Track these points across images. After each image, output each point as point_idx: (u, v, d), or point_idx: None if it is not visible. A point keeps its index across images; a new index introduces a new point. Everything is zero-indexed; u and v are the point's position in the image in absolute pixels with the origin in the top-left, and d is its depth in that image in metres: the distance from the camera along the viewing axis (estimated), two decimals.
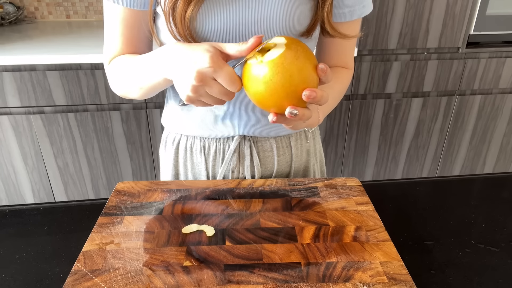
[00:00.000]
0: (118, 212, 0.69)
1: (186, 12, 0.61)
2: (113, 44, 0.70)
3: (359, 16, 0.71)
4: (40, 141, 1.81)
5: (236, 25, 0.65)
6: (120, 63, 0.69)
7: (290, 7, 0.64)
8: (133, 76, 0.67)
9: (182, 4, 0.60)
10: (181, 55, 0.56)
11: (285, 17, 0.65)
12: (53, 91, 1.71)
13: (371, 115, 2.02)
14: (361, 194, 0.74)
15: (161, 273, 0.56)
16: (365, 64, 1.89)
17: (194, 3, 0.60)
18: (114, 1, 0.66)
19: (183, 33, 0.62)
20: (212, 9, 0.63)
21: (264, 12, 0.64)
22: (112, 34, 0.69)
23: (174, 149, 0.85)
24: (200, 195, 0.73)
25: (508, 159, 2.29)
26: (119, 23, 0.68)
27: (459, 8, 1.81)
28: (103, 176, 1.95)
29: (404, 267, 0.58)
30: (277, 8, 0.64)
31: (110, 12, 0.68)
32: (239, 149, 0.80)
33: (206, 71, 0.52)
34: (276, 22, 0.65)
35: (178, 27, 0.62)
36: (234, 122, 0.77)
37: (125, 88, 0.71)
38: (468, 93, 2.05)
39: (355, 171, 2.18)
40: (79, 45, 1.74)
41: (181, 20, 0.61)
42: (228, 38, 0.66)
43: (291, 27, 0.66)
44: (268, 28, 0.65)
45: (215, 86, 0.54)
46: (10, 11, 2.05)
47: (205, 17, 0.63)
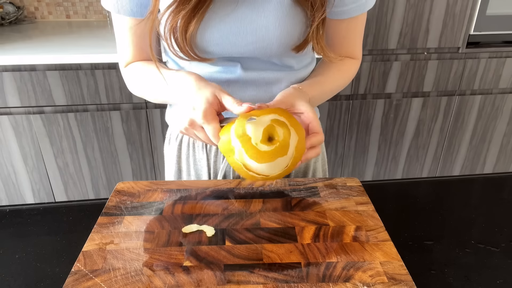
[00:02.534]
0: (118, 212, 0.69)
1: (187, 30, 0.63)
2: (125, 51, 0.74)
3: (363, 11, 0.71)
4: (40, 141, 1.81)
5: (234, 35, 0.66)
6: (137, 74, 0.73)
7: (285, 16, 0.65)
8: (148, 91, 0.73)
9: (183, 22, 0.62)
10: (185, 96, 0.61)
11: (281, 26, 0.65)
12: (53, 91, 1.71)
13: (371, 115, 2.02)
14: (361, 194, 0.74)
15: (161, 273, 0.56)
16: (365, 64, 1.88)
17: (195, 21, 0.62)
18: (117, 12, 0.68)
19: (184, 47, 0.65)
20: (209, 22, 0.64)
21: (260, 22, 0.65)
22: (122, 42, 0.73)
23: (177, 145, 0.86)
24: (200, 195, 0.73)
25: (508, 159, 2.29)
26: (127, 32, 0.71)
27: (459, 8, 1.81)
28: (103, 176, 1.95)
29: (404, 267, 0.58)
30: (272, 17, 0.65)
31: (117, 21, 0.70)
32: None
33: (197, 120, 0.59)
34: (272, 31, 0.66)
35: (179, 42, 0.64)
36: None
37: (142, 95, 0.76)
38: (468, 93, 2.05)
39: (355, 171, 2.18)
40: (79, 45, 1.74)
41: (182, 37, 0.64)
42: (226, 48, 0.67)
43: (287, 35, 0.66)
44: (264, 36, 0.66)
45: (202, 133, 0.61)
46: (10, 11, 2.05)
47: (204, 30, 0.65)
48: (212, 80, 0.73)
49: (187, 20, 0.62)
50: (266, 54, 0.69)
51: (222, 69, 0.73)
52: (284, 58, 0.73)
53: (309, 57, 0.80)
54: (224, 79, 0.73)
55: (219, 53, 0.68)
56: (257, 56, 0.70)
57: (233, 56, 0.70)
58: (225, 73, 0.73)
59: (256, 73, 0.73)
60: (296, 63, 0.76)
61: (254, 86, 0.74)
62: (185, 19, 0.62)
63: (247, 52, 0.68)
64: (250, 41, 0.67)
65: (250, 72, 0.73)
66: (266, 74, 0.74)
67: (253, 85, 0.74)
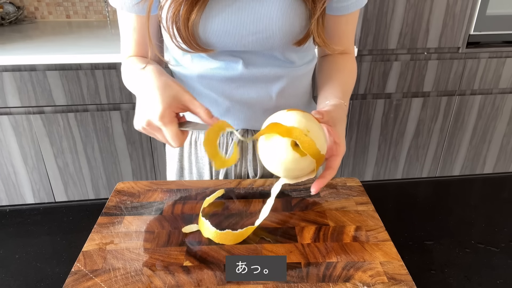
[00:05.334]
0: (118, 212, 0.69)
1: (189, 18, 0.63)
2: (127, 47, 0.75)
3: (360, 6, 0.73)
4: (40, 141, 1.81)
5: (236, 26, 0.66)
6: (126, 68, 0.74)
7: (287, 7, 0.65)
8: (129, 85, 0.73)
9: (185, 9, 0.62)
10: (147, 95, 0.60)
11: (283, 17, 0.66)
12: (53, 91, 1.71)
13: (371, 115, 2.02)
14: (361, 194, 0.74)
15: (161, 273, 0.56)
16: (365, 64, 1.88)
17: (197, 9, 0.63)
18: (120, 8, 0.69)
19: (186, 37, 0.65)
20: (211, 11, 0.65)
21: (262, 12, 0.65)
22: (125, 37, 0.74)
23: None
24: (200, 195, 0.73)
25: (508, 159, 2.29)
26: (130, 28, 0.72)
27: (459, 8, 1.81)
28: (103, 176, 1.95)
29: (404, 267, 0.58)
30: (275, 8, 0.65)
31: (121, 17, 0.72)
32: (242, 142, 0.82)
33: (154, 122, 0.58)
34: (275, 21, 0.66)
35: (182, 32, 0.64)
36: (236, 116, 0.79)
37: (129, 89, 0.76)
38: (468, 93, 2.05)
39: (355, 171, 2.18)
40: (79, 45, 1.74)
41: (185, 26, 0.64)
42: (228, 38, 0.67)
43: (289, 25, 0.67)
44: (267, 27, 0.66)
45: (160, 135, 0.61)
46: (10, 11, 2.05)
47: (206, 20, 0.65)
48: (213, 78, 0.74)
49: (189, 9, 0.62)
50: (269, 46, 0.69)
51: (224, 65, 0.73)
52: (286, 53, 0.73)
53: (311, 54, 0.80)
54: (225, 76, 0.73)
55: (221, 44, 0.68)
56: (259, 48, 0.70)
57: (235, 49, 0.70)
58: (226, 69, 0.73)
59: (257, 69, 0.73)
60: (298, 59, 0.76)
61: (255, 83, 0.75)
62: (187, 7, 0.62)
63: (250, 43, 0.68)
64: (253, 31, 0.67)
65: (251, 69, 0.73)
66: (268, 71, 0.74)
67: (254, 82, 0.74)
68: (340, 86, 0.74)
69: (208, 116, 0.59)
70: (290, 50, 0.73)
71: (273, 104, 0.78)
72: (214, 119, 0.59)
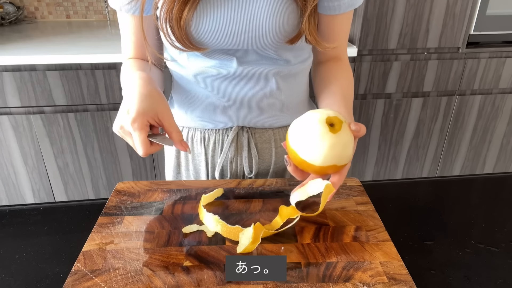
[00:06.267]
0: (118, 212, 0.69)
1: (181, 17, 0.64)
2: (127, 48, 0.76)
3: (353, 7, 0.72)
4: (40, 141, 1.81)
5: (227, 24, 0.67)
6: (122, 71, 0.75)
7: (278, 6, 0.66)
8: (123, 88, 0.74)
9: (177, 8, 0.63)
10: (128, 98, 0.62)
11: (274, 16, 0.66)
12: (53, 91, 1.71)
13: (371, 115, 2.02)
14: (361, 194, 0.74)
15: (161, 273, 0.56)
16: (365, 64, 1.88)
17: (189, 6, 0.64)
18: (119, 9, 0.70)
19: (180, 36, 0.66)
20: (203, 10, 0.66)
21: (254, 10, 0.66)
22: (124, 38, 0.75)
23: None
24: (200, 195, 0.73)
25: (508, 159, 2.29)
26: (128, 29, 0.73)
27: (459, 8, 1.81)
28: (103, 176, 1.95)
29: (404, 267, 0.58)
30: (266, 7, 0.66)
31: (120, 19, 0.73)
32: (237, 139, 0.82)
33: (126, 126, 0.61)
34: (266, 20, 0.66)
35: (175, 30, 0.65)
36: (232, 113, 0.80)
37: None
38: (468, 93, 2.05)
39: (355, 171, 2.18)
40: (79, 45, 1.74)
41: (177, 24, 0.65)
42: (221, 37, 0.68)
43: (281, 24, 0.67)
44: (258, 25, 0.67)
45: (130, 139, 0.63)
46: (10, 11, 2.05)
47: (198, 18, 0.66)
48: (208, 76, 0.75)
49: (181, 7, 0.63)
50: (261, 45, 0.70)
51: (218, 64, 0.73)
52: (280, 51, 0.73)
53: (306, 53, 0.80)
54: (220, 74, 0.74)
55: (214, 42, 0.69)
56: (252, 47, 0.70)
57: (228, 47, 0.70)
58: (221, 68, 0.73)
59: (251, 67, 0.73)
60: (293, 57, 0.76)
61: (249, 81, 0.75)
62: (179, 5, 0.63)
63: (242, 42, 0.69)
64: (244, 30, 0.67)
65: (245, 67, 0.73)
66: (262, 69, 0.74)
67: (249, 80, 0.75)
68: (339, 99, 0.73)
69: (179, 138, 0.63)
70: (283, 49, 0.73)
71: (268, 102, 0.78)
72: (183, 143, 0.64)
